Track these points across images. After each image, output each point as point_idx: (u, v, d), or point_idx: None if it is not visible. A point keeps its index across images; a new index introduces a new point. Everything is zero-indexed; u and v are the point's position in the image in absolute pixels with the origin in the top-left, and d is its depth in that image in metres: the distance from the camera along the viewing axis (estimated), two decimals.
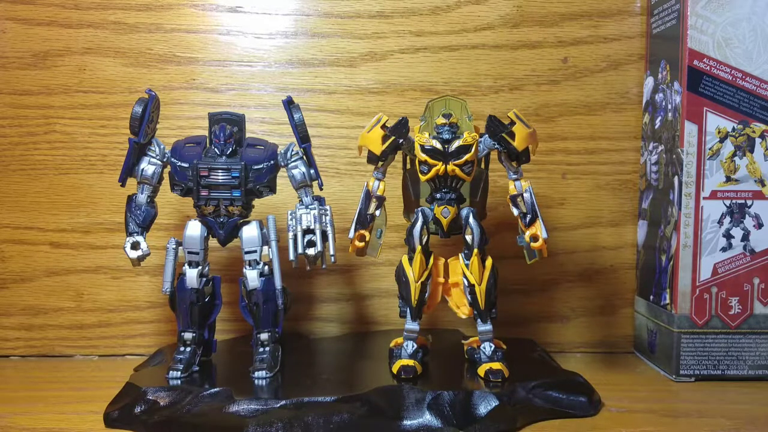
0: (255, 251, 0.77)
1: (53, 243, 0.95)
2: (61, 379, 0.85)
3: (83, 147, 0.94)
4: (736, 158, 0.84)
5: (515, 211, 0.75)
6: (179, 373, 0.74)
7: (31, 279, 0.95)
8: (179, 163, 0.75)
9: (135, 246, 0.76)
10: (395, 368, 0.76)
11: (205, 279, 0.77)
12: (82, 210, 0.94)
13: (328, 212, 0.77)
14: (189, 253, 0.77)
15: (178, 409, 0.68)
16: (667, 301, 0.87)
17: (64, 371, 0.89)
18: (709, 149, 0.84)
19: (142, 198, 0.77)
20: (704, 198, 0.84)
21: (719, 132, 0.83)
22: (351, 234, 0.76)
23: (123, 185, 0.77)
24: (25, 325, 0.95)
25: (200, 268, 0.77)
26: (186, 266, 0.77)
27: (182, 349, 0.77)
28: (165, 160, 0.77)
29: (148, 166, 0.76)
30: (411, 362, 0.76)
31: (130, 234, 0.76)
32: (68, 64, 0.93)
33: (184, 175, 0.75)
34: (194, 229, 0.77)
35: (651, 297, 0.92)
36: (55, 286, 0.95)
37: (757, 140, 0.83)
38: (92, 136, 0.94)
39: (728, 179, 0.84)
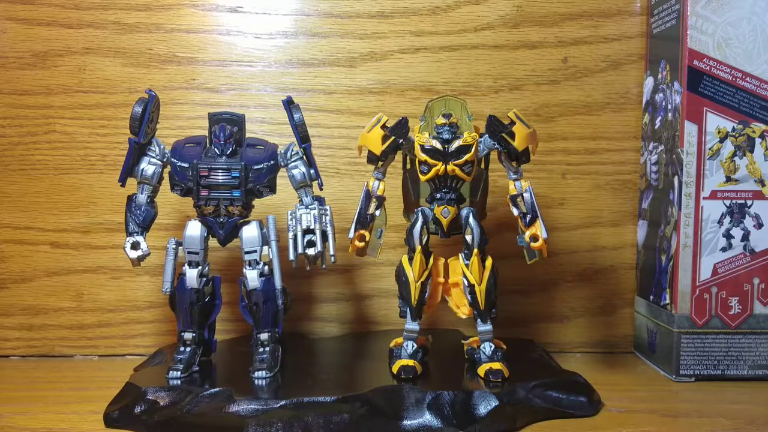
0: (255, 251, 0.77)
1: (53, 243, 0.95)
2: (61, 379, 0.85)
3: (83, 147, 0.94)
4: (736, 158, 0.84)
5: (515, 211, 0.75)
6: (179, 373, 0.74)
7: (31, 279, 0.95)
8: (179, 163, 0.75)
9: (135, 246, 0.76)
10: (395, 368, 0.76)
11: (205, 279, 0.77)
12: (82, 210, 0.94)
13: (328, 212, 0.77)
14: (189, 253, 0.77)
15: (178, 409, 0.68)
16: (667, 301, 0.87)
17: (64, 371, 0.89)
18: (709, 149, 0.84)
19: (142, 198, 0.77)
20: (704, 198, 0.84)
21: (719, 132, 0.83)
22: (351, 234, 0.76)
23: (123, 185, 0.77)
24: (25, 325, 0.95)
25: (200, 268, 0.77)
26: (186, 266, 0.77)
27: (182, 349, 0.77)
28: (165, 160, 0.77)
29: (148, 166, 0.76)
30: (411, 362, 0.76)
31: (130, 234, 0.76)
32: (68, 64, 0.93)
33: (184, 175, 0.75)
34: (194, 229, 0.77)
35: (651, 297, 0.92)
36: (55, 286, 0.95)
37: (757, 140, 0.83)
38: (92, 136, 0.94)
39: (728, 179, 0.84)
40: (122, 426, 0.69)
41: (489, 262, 0.75)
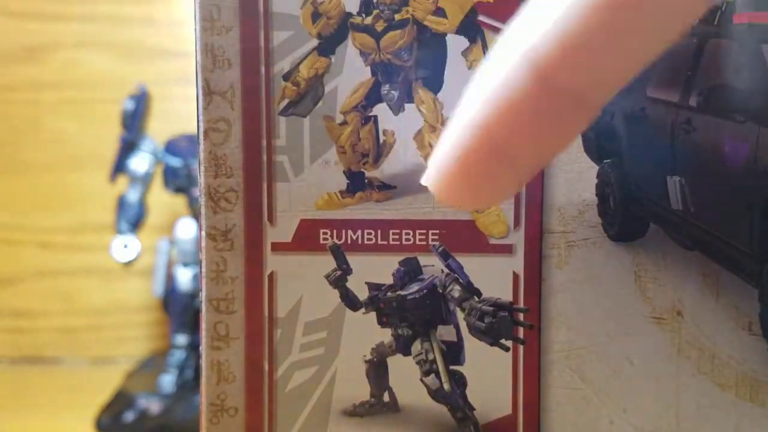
0: None
1: (42, 244, 0.93)
2: (51, 385, 0.84)
3: (73, 144, 0.92)
4: None
5: None
6: (172, 378, 0.74)
7: (20, 281, 0.93)
8: (172, 161, 0.75)
9: (126, 246, 0.75)
10: None
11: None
12: (72, 209, 0.93)
13: None
14: (181, 252, 0.76)
15: (171, 417, 0.68)
16: None
17: (54, 376, 0.88)
18: None
19: (133, 196, 0.76)
20: None
21: None
22: None
23: (114, 183, 0.76)
24: (13, 329, 0.93)
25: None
26: (178, 267, 0.76)
27: (175, 353, 0.76)
28: (157, 157, 0.76)
29: (139, 164, 0.75)
30: None
31: (120, 234, 0.75)
32: (58, 58, 0.92)
33: (176, 172, 0.75)
34: (187, 228, 0.76)
35: None
36: (44, 289, 0.93)
37: None
38: (82, 133, 0.92)
39: None
40: None
41: None
